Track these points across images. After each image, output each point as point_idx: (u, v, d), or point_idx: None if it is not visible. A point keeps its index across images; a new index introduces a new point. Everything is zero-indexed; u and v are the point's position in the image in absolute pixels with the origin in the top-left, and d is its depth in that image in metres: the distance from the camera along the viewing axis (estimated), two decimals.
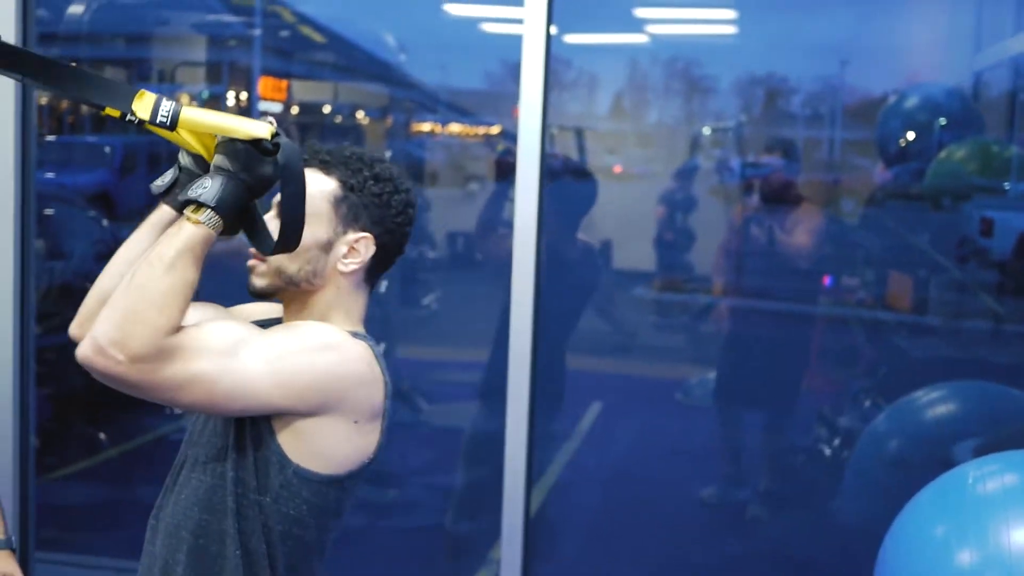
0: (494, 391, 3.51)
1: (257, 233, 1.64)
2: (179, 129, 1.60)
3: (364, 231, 1.77)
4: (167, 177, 1.77)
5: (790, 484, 5.17)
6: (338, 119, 9.29)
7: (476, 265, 8.43)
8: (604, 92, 8.85)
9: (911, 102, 6.75)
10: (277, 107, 8.65)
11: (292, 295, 1.79)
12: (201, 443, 1.76)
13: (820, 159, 8.50)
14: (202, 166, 1.71)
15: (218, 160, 1.58)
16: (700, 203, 6.92)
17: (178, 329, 1.56)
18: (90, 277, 5.80)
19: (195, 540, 1.72)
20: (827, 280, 6.54)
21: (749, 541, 4.81)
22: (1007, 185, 7.10)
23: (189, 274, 1.55)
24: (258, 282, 1.78)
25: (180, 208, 1.60)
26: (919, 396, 3.69)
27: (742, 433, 5.25)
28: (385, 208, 1.78)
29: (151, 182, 1.79)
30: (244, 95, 8.53)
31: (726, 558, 4.66)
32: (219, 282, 1.94)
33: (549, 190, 5.41)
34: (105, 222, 5.90)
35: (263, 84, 8.31)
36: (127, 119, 1.59)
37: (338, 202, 1.76)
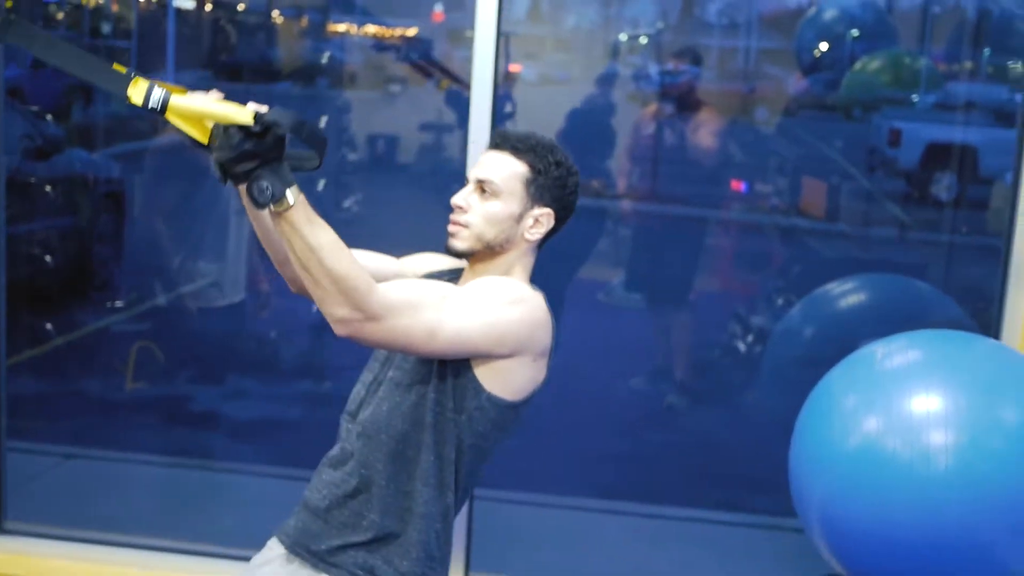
0: None
1: (304, 160, 1.85)
2: (168, 114, 1.75)
3: (547, 207, 2.12)
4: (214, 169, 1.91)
5: (707, 378, 5.41)
6: (252, 18, 9.17)
7: (396, 168, 8.49)
8: None
9: (829, 13, 6.91)
10: (190, 3, 8.52)
11: (483, 255, 2.12)
12: (404, 368, 2.08)
13: (735, 68, 8.64)
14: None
15: (242, 167, 1.74)
16: (619, 110, 6.99)
17: (396, 292, 1.89)
18: (22, 171, 5.70)
19: (396, 445, 2.06)
20: (741, 186, 6.74)
21: (671, 430, 5.05)
22: (915, 97, 7.33)
23: (327, 235, 1.81)
24: (459, 244, 2.10)
25: (265, 208, 1.78)
26: (831, 288, 3.91)
27: (661, 331, 5.47)
28: (563, 188, 2.13)
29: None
30: None
31: (650, 446, 4.89)
32: None
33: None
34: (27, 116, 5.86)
35: None
36: (150, 107, 1.73)
37: (528, 183, 2.10)
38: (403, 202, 7.61)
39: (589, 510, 4.27)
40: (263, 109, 1.74)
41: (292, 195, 1.76)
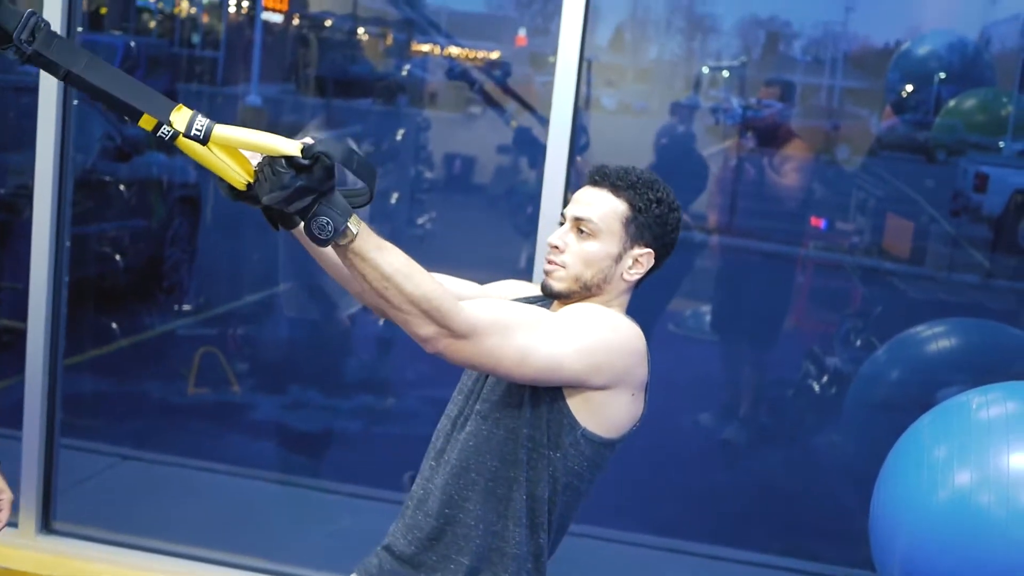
0: None
1: (351, 195, 1.74)
2: (211, 144, 1.65)
3: (647, 247, 2.03)
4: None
5: (777, 417, 5.26)
6: (338, 34, 9.22)
7: (471, 188, 8.45)
8: (605, 24, 8.79)
9: (922, 50, 6.75)
10: (279, 17, 8.58)
11: (579, 296, 2.02)
12: (492, 400, 1.98)
13: (818, 105, 8.51)
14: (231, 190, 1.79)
15: (298, 205, 1.64)
16: (698, 142, 6.90)
17: (487, 311, 1.81)
18: (99, 171, 5.75)
19: (485, 483, 1.96)
20: (821, 224, 6.59)
21: (736, 470, 4.91)
22: (1002, 143, 7.13)
23: (397, 257, 1.72)
24: (556, 285, 2.02)
25: (329, 244, 1.69)
26: (919, 331, 3.75)
27: (735, 365, 5.34)
28: (664, 227, 2.03)
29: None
30: (246, 4, 8.46)
31: (715, 484, 4.76)
32: None
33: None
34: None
35: None
36: (159, 132, 1.63)
37: (627, 222, 2.01)
38: (476, 222, 7.57)
39: (651, 547, 4.15)
40: (309, 142, 1.64)
41: (354, 225, 1.68)
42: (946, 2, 7.11)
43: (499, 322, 1.81)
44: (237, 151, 1.70)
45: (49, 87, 3.45)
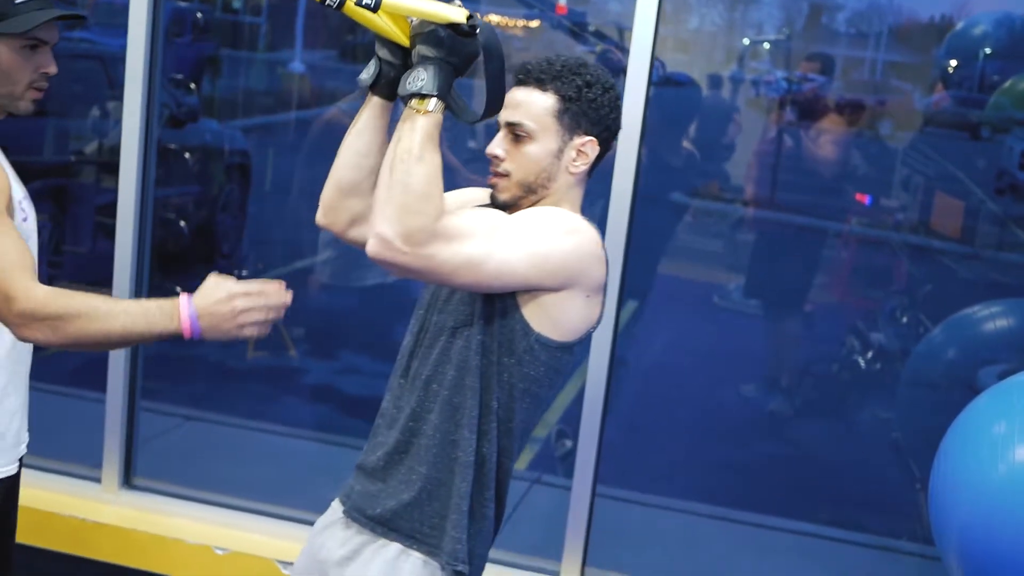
0: None
1: (460, 108, 1.82)
2: (381, 11, 1.76)
3: (587, 135, 1.97)
4: (371, 70, 1.96)
5: (821, 391, 5.32)
6: None
7: None
8: None
9: (978, 29, 6.74)
10: None
11: (529, 199, 1.99)
12: (448, 311, 1.97)
13: (861, 80, 8.48)
14: (397, 55, 1.91)
15: (423, 49, 1.73)
16: (741, 115, 6.92)
17: (443, 216, 1.76)
18: (161, 139, 5.78)
19: (446, 393, 1.95)
20: (865, 199, 6.61)
21: (781, 441, 4.98)
22: None
23: (436, 159, 1.74)
24: (503, 196, 1.98)
25: (397, 98, 1.78)
26: (975, 311, 3.80)
27: (775, 339, 5.39)
28: (599, 110, 1.97)
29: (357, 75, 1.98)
30: None
31: (757, 455, 4.83)
32: None
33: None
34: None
35: None
36: (333, 4, 1.73)
37: (560, 114, 1.95)
38: None
39: (699, 515, 4.23)
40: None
41: (437, 105, 1.73)
42: None
43: (456, 230, 1.77)
44: (401, 18, 1.79)
45: (136, 56, 3.51)
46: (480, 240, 1.80)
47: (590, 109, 1.96)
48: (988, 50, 7.05)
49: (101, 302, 1.87)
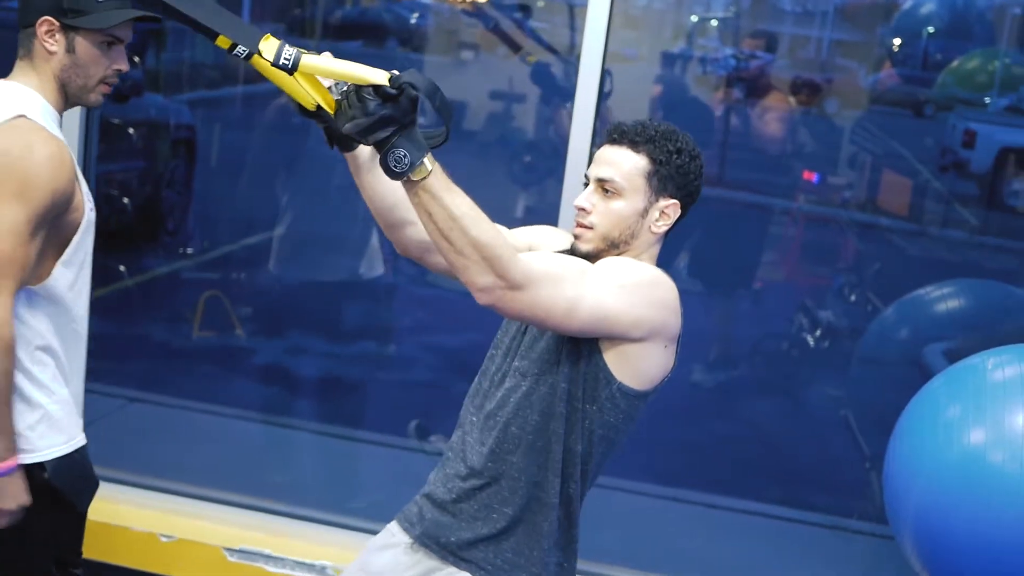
0: None
1: (436, 143, 1.79)
2: (297, 74, 1.72)
3: (672, 198, 2.05)
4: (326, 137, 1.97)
5: (770, 369, 5.35)
6: None
7: (462, 135, 8.43)
8: None
9: (926, 8, 6.79)
10: None
11: (609, 252, 2.05)
12: (531, 358, 2.03)
13: (807, 58, 8.52)
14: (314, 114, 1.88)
15: (381, 134, 1.68)
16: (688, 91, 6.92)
17: (540, 263, 1.86)
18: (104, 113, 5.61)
19: (528, 437, 2.02)
20: (813, 177, 6.64)
21: (729, 420, 5.00)
22: (988, 98, 7.18)
23: (465, 202, 1.77)
24: (584, 247, 2.05)
25: (402, 178, 1.74)
26: (928, 291, 3.83)
27: (720, 318, 5.41)
28: (686, 176, 2.05)
29: None
30: None
31: (706, 434, 4.85)
32: None
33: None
34: None
35: None
36: (235, 51, 1.70)
37: (650, 176, 2.03)
38: (467, 168, 7.56)
39: (650, 495, 4.24)
40: (396, 73, 1.68)
41: (429, 162, 1.72)
42: None
43: (550, 274, 1.85)
44: (316, 80, 1.75)
45: None
46: (573, 283, 1.87)
47: (678, 174, 2.04)
48: (931, 29, 7.12)
49: None
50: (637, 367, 1.99)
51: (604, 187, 2.03)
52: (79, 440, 2.31)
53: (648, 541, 3.88)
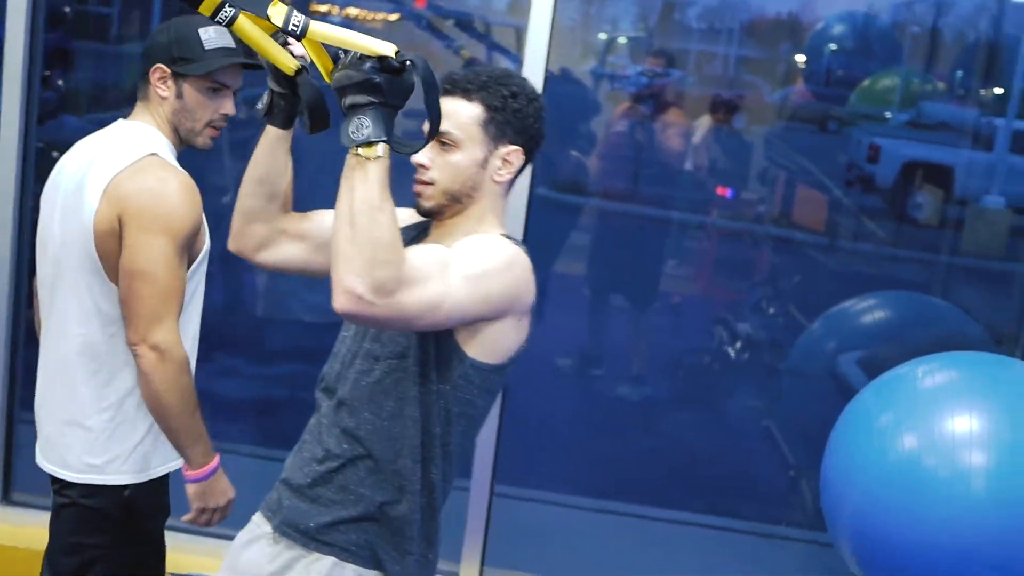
0: None
1: (400, 144, 1.73)
2: (305, 40, 1.70)
3: (512, 144, 1.99)
4: (264, 100, 2.01)
5: (690, 382, 5.44)
6: None
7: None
8: None
9: (838, 28, 6.98)
10: None
11: (453, 209, 2.01)
12: (382, 340, 1.98)
13: (714, 74, 8.68)
14: (286, 85, 1.96)
15: (358, 98, 1.65)
16: (597, 109, 6.99)
17: (406, 270, 1.72)
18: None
19: (380, 421, 1.97)
20: (726, 193, 6.77)
21: (653, 432, 5.07)
22: (888, 113, 7.42)
23: (390, 206, 1.69)
24: (427, 204, 2.00)
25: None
26: (851, 304, 3.95)
27: (636, 332, 5.50)
28: (525, 120, 1.99)
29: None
30: None
31: (632, 447, 4.92)
32: None
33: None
34: None
35: None
36: (219, 15, 1.67)
37: (485, 124, 1.97)
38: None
39: (583, 508, 4.29)
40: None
41: (384, 151, 1.67)
42: None
43: (413, 276, 1.73)
44: (323, 49, 1.74)
45: (16, 50, 3.44)
46: (436, 281, 1.78)
47: (515, 119, 1.98)
48: (834, 46, 7.32)
49: None
50: (490, 343, 1.95)
51: (440, 140, 1.95)
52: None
53: (577, 553, 3.92)
